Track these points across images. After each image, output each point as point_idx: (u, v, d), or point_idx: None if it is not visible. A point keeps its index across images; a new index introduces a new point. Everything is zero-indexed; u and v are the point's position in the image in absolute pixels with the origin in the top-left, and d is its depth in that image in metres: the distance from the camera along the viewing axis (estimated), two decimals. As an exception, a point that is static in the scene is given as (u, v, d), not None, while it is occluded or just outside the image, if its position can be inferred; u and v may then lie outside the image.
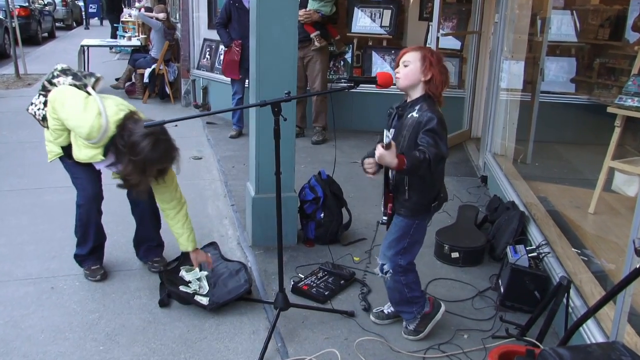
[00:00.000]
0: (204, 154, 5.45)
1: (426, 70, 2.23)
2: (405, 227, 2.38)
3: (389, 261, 2.43)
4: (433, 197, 2.35)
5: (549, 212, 3.56)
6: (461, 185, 4.68)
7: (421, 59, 2.24)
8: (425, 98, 2.25)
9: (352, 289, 2.99)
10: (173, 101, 7.77)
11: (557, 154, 5.26)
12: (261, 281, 3.02)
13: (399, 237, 2.40)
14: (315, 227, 3.47)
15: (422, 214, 2.38)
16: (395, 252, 2.41)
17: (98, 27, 20.35)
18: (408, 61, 2.26)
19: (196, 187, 4.49)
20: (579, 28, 5.75)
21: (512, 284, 2.80)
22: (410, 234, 2.39)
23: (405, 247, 2.40)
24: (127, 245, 3.39)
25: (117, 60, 11.90)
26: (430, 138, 2.13)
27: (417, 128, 2.19)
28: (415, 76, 2.25)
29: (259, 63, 3.15)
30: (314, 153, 5.46)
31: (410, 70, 2.25)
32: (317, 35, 5.60)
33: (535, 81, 4.91)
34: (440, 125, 2.16)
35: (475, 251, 3.31)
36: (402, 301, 2.51)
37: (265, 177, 3.28)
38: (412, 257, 2.45)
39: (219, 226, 3.78)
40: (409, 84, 2.26)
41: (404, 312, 2.56)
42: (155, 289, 2.90)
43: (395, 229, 2.41)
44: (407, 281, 2.46)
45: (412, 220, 2.37)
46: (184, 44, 7.57)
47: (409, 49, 2.30)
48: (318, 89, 5.68)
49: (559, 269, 2.79)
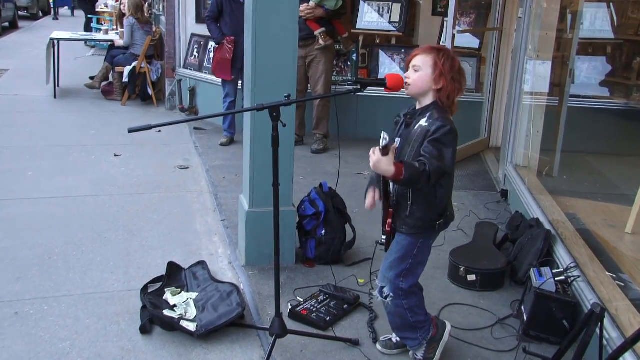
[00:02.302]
0: (191, 163, 5.52)
1: (437, 79, 2.27)
2: (409, 247, 2.42)
3: (390, 284, 2.47)
4: (438, 214, 2.39)
5: (579, 230, 3.59)
6: (479, 201, 4.74)
7: (432, 65, 2.28)
8: (437, 105, 2.30)
9: (357, 314, 3.04)
10: (156, 104, 7.85)
11: (589, 166, 5.30)
12: (255, 305, 3.07)
13: (401, 258, 2.44)
14: (316, 245, 3.52)
15: (426, 232, 2.42)
16: (396, 273, 2.45)
17: (69, 18, 20.46)
18: (418, 66, 2.30)
19: (182, 200, 4.56)
20: (617, 23, 5.72)
21: (537, 311, 2.83)
22: (414, 255, 2.43)
23: (407, 268, 2.44)
24: (103, 264, 3.45)
25: (92, 56, 11.98)
26: (434, 148, 2.18)
27: (424, 137, 2.23)
28: (426, 84, 2.29)
29: (255, 62, 3.23)
30: (314, 163, 5.53)
31: (420, 76, 2.29)
32: (322, 33, 5.62)
33: (564, 84, 4.95)
34: (447, 136, 2.20)
35: (495, 274, 3.36)
36: (404, 326, 2.55)
37: (260, 189, 3.34)
38: (415, 279, 2.49)
39: (208, 244, 3.84)
40: (418, 91, 2.31)
41: (408, 339, 2.60)
42: (136, 314, 2.94)
43: (396, 248, 2.45)
44: (409, 305, 2.50)
45: (416, 239, 2.41)
46: (169, 40, 7.63)
47: (420, 51, 2.34)
48: (321, 92, 5.74)
49: (590, 295, 2.82)
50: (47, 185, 4.68)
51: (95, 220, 4.06)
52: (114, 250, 3.64)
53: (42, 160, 5.28)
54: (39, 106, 7.37)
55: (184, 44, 7.59)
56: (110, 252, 3.61)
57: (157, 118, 7.18)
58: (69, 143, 5.86)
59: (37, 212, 4.16)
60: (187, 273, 3.34)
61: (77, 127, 6.52)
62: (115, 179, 4.93)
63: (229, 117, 6.08)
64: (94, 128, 6.51)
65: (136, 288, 3.17)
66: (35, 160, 5.27)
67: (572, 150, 5.14)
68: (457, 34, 5.07)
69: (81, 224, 3.99)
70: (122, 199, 4.49)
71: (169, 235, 3.91)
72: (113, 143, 5.90)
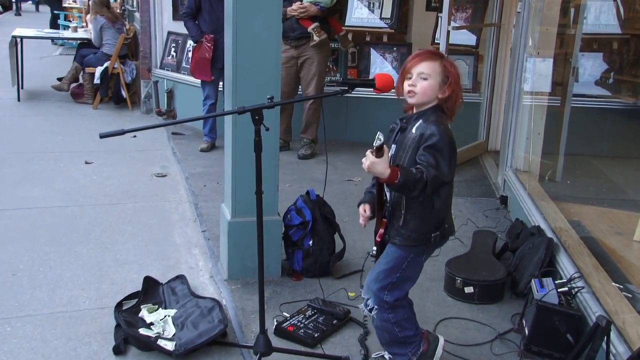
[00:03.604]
0: (170, 170, 5.53)
1: (447, 88, 2.32)
2: (398, 260, 2.45)
3: (374, 296, 2.50)
4: (435, 226, 2.41)
5: (584, 238, 3.63)
6: (476, 208, 4.79)
7: (442, 72, 2.32)
8: (435, 110, 2.35)
9: (347, 330, 3.06)
10: (131, 107, 7.85)
11: (594, 170, 5.35)
12: (238, 321, 3.09)
13: (389, 270, 2.46)
14: (303, 256, 3.55)
15: (419, 246, 2.44)
16: (380, 286, 2.48)
17: (32, 14, 20.32)
18: (427, 74, 2.32)
19: (160, 210, 4.57)
20: (623, 16, 5.75)
21: (539, 324, 2.86)
22: (402, 269, 2.45)
23: (393, 282, 2.47)
24: (73, 280, 3.44)
25: (60, 55, 11.94)
26: (431, 156, 2.21)
27: (419, 143, 2.27)
28: (434, 93, 2.33)
29: (235, 62, 3.26)
30: (301, 169, 5.56)
31: (429, 85, 2.32)
32: (316, 28, 5.61)
33: (567, 82, 5.00)
34: (444, 142, 2.24)
35: (494, 285, 3.40)
36: (393, 342, 2.58)
37: (243, 198, 3.36)
38: (401, 293, 2.52)
39: (188, 256, 3.85)
40: (427, 100, 2.35)
41: (397, 355, 2.62)
42: (109, 333, 2.94)
43: (385, 260, 2.48)
44: (396, 319, 2.52)
45: (407, 253, 2.44)
46: (144, 38, 7.63)
47: (424, 57, 2.35)
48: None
49: (596, 307, 2.85)
50: (11, 195, 4.67)
51: (64, 233, 4.06)
52: (85, 265, 3.64)
53: (5, 169, 5.26)
54: (0, 110, 7.34)
55: (160, 42, 7.60)
56: (81, 268, 3.60)
57: (131, 122, 7.18)
58: (35, 150, 5.84)
59: (0, 225, 4.15)
60: (164, 288, 3.35)
61: (44, 132, 6.51)
62: (87, 188, 4.93)
63: (209, 120, 6.10)
64: (63, 133, 6.50)
65: (109, 305, 3.17)
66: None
67: (575, 153, 5.20)
68: (453, 30, 5.11)
69: (49, 238, 3.98)
70: (93, 209, 4.49)
71: (145, 248, 3.91)
72: (84, 150, 5.89)
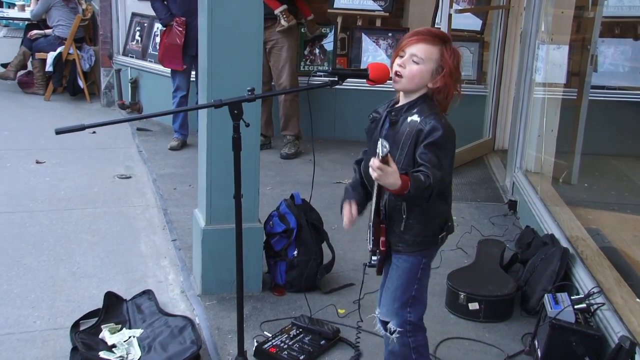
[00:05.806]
0: (135, 171, 5.53)
1: (440, 78, 2.30)
2: (412, 269, 2.44)
3: (396, 317, 2.49)
4: (440, 227, 2.44)
5: (604, 249, 3.66)
6: (482, 213, 4.82)
7: (438, 59, 2.29)
8: (425, 99, 2.33)
9: (337, 351, 3.08)
10: (89, 99, 7.83)
11: (615, 171, 5.41)
12: (213, 342, 3.09)
13: (405, 284, 2.46)
14: (287, 268, 3.56)
15: (428, 249, 2.47)
16: (401, 303, 2.47)
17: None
18: (420, 58, 2.29)
19: (124, 217, 4.56)
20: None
21: (553, 346, 2.88)
22: (419, 278, 2.46)
23: (414, 295, 2.47)
24: (22, 297, 3.43)
25: (4, 38, 11.85)
26: (434, 155, 2.22)
27: (417, 138, 2.26)
28: (424, 81, 2.31)
29: (211, 49, 3.26)
30: (285, 170, 5.58)
31: (420, 71, 2.29)
32: (284, 11, 5.66)
33: (584, 72, 5.05)
34: (447, 139, 2.25)
35: (502, 301, 3.42)
36: None
37: (219, 203, 3.37)
38: (423, 308, 2.54)
39: (156, 268, 3.86)
40: (413, 88, 2.33)
41: None
42: (64, 358, 2.93)
43: (397, 274, 2.47)
44: (415, 344, 2.53)
45: (419, 259, 2.44)
46: (104, 20, 7.59)
47: (422, 38, 2.31)
48: (286, 85, 5.78)
49: (618, 327, 2.87)
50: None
51: (11, 243, 4.04)
52: (37, 279, 3.63)
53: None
54: None
55: (122, 25, 7.57)
56: (31, 282, 3.59)
57: (90, 116, 7.17)
58: (-24, 148, 5.82)
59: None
60: (129, 305, 3.36)
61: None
62: (38, 191, 4.91)
63: (180, 115, 6.09)
64: (9, 128, 6.47)
65: (65, 326, 3.16)
66: None
67: (594, 153, 5.25)
68: (455, 13, 5.14)
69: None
70: (46, 216, 4.48)
71: (106, 260, 3.91)
72: (34, 147, 5.88)
